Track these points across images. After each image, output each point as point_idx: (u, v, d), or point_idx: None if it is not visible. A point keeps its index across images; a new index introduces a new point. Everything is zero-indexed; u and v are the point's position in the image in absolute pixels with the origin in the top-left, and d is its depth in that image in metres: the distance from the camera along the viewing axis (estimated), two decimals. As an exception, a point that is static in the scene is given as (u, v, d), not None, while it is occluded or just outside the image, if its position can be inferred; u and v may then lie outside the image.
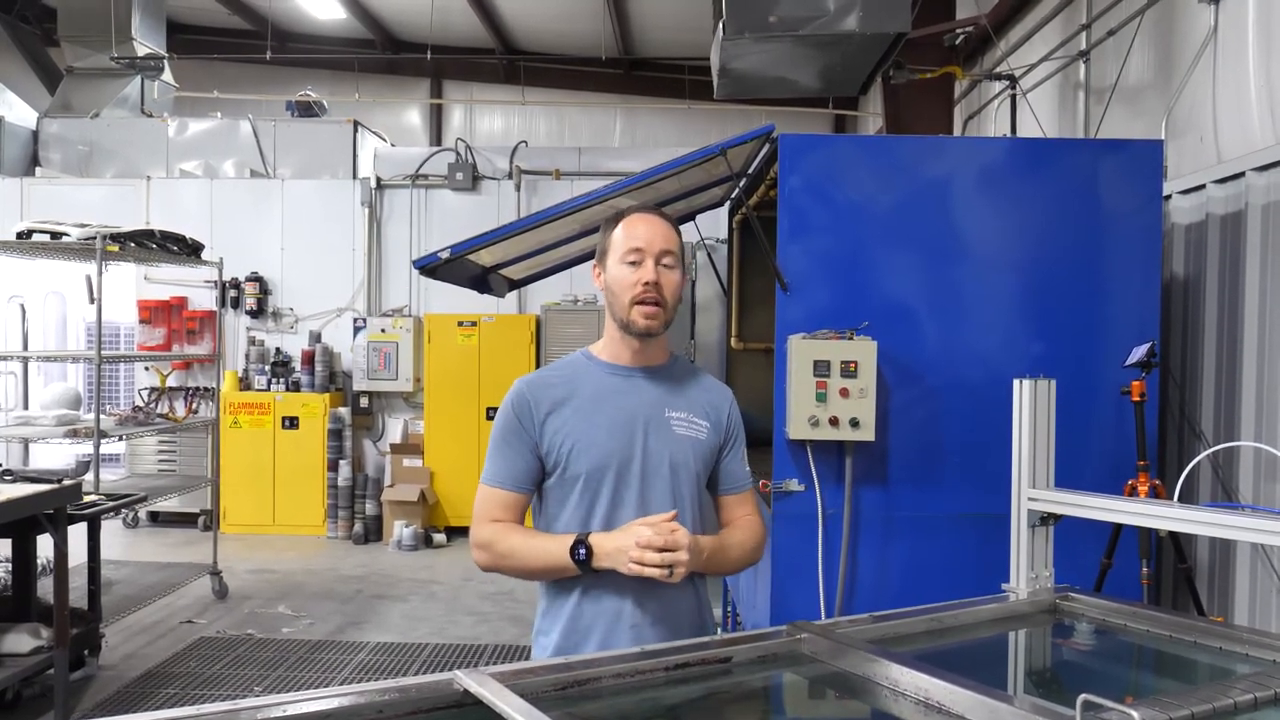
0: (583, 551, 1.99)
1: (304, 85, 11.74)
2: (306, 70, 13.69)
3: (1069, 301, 3.69)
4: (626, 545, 1.96)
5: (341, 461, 8.94)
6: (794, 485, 3.62)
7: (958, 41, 7.13)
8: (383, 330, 9.07)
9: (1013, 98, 6.76)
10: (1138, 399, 3.46)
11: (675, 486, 2.11)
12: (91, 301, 5.79)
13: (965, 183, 3.73)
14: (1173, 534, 3.46)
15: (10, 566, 4.96)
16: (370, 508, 8.93)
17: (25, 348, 7.93)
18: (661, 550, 1.93)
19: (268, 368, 9.13)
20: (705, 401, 2.21)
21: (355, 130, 9.94)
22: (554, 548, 2.04)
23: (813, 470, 3.58)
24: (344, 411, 9.08)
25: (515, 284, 5.84)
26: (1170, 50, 4.98)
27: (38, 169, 10.00)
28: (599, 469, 2.08)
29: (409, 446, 9.12)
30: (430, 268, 4.39)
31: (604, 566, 2.00)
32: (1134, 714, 1.40)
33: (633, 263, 2.08)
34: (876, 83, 6.08)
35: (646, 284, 2.06)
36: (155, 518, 9.26)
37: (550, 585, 2.14)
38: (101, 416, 5.85)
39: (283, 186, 9.55)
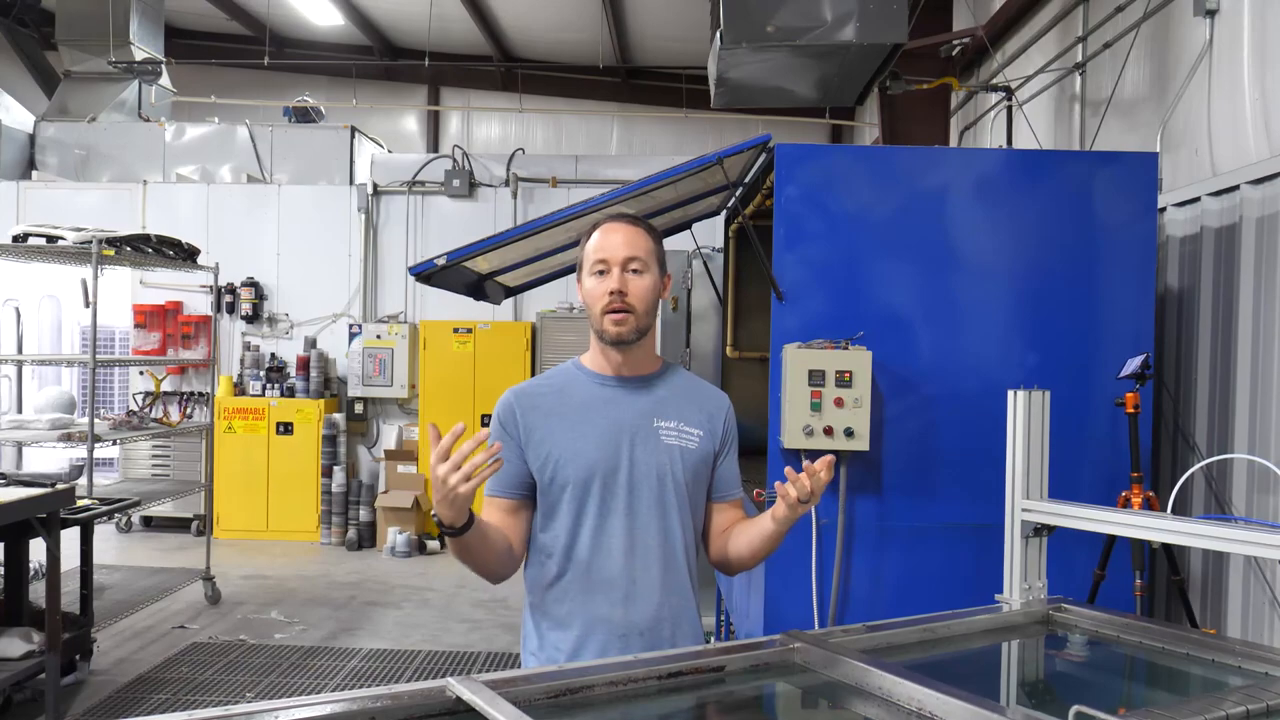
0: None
1: (301, 91, 11.74)
2: (304, 76, 13.71)
3: (1063, 313, 3.69)
4: None
5: (335, 467, 8.92)
6: (788, 494, 3.62)
7: (954, 53, 7.16)
8: (378, 336, 9.06)
9: (1009, 109, 6.78)
10: (1132, 411, 3.47)
11: (662, 495, 2.11)
12: (86, 305, 5.79)
13: (961, 193, 3.73)
14: (1166, 546, 3.47)
15: (2, 570, 4.95)
16: (364, 514, 8.92)
17: (20, 351, 7.92)
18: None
19: (262, 373, 9.12)
20: (699, 409, 2.20)
21: (352, 136, 9.94)
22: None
23: (807, 480, 3.57)
24: (338, 417, 9.07)
25: (511, 291, 5.83)
26: (1166, 63, 5.00)
27: (34, 173, 9.99)
28: (585, 479, 2.09)
29: (403, 453, 9.10)
30: (426, 274, 4.38)
31: None
32: (1126, 726, 1.40)
33: (599, 272, 2.10)
34: (873, 93, 6.10)
35: (612, 293, 2.07)
36: (148, 522, 9.24)
37: (538, 614, 2.15)
38: (95, 421, 5.83)
39: (279, 192, 9.54)
